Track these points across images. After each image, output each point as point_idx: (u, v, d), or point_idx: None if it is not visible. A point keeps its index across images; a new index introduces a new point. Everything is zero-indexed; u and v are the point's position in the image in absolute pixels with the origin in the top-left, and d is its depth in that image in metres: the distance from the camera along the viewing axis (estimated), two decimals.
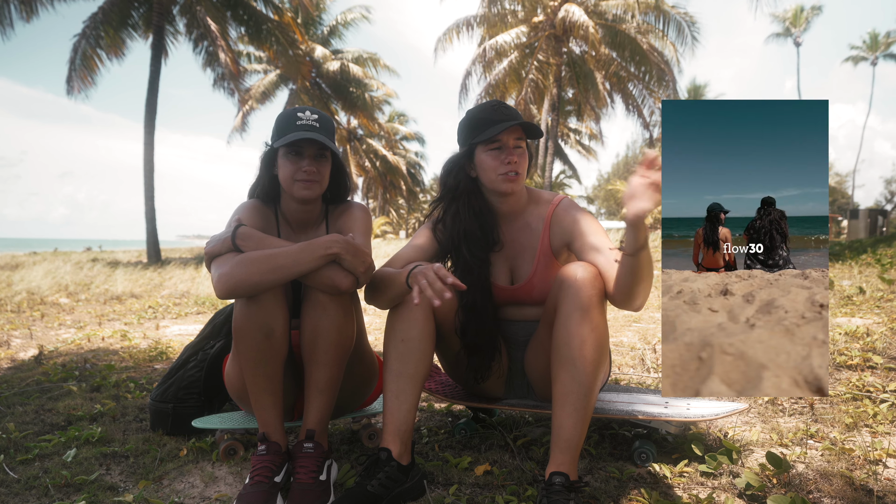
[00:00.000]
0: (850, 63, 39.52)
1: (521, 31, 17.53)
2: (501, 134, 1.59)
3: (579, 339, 1.40)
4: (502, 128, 1.55)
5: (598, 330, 1.42)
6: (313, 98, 22.69)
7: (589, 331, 1.40)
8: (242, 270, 1.45)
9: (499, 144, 1.61)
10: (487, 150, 1.62)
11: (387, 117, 34.30)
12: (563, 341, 1.42)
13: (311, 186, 1.63)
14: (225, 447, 1.80)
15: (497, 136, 1.59)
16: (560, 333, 1.42)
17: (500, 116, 1.59)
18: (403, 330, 1.53)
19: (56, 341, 4.00)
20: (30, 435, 2.02)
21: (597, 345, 1.41)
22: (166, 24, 13.96)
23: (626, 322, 4.48)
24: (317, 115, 1.64)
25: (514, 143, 1.61)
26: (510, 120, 1.58)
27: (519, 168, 1.61)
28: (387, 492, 1.44)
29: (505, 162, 1.60)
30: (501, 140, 1.60)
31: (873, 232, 17.72)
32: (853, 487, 1.51)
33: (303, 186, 1.62)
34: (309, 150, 1.62)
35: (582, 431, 1.40)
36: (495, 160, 1.61)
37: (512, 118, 1.59)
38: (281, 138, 1.60)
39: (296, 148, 1.62)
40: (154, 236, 14.01)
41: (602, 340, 1.42)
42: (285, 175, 1.64)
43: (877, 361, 2.72)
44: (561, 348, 1.42)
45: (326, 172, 1.67)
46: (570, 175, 34.86)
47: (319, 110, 1.67)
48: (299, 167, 1.61)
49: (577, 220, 1.62)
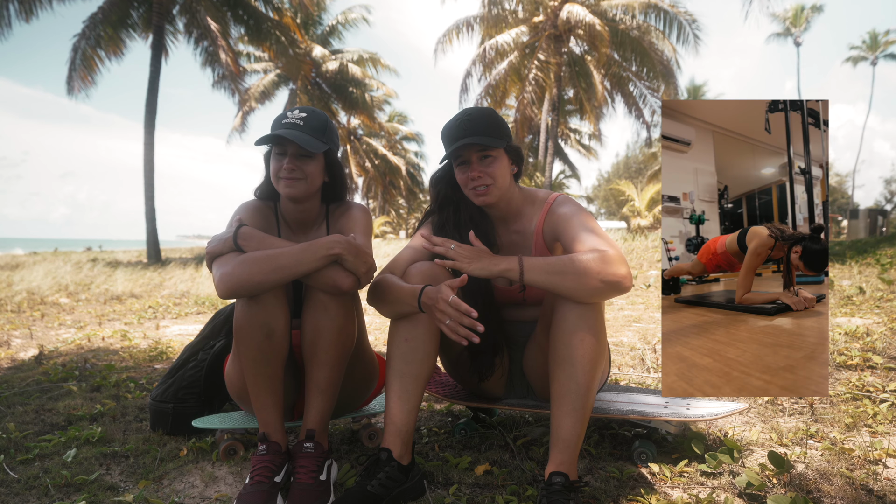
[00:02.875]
0: (850, 63, 39.54)
1: (521, 30, 17.54)
2: (463, 151, 1.59)
3: (577, 339, 1.39)
4: (456, 146, 1.56)
5: (595, 329, 1.41)
6: (313, 98, 22.69)
7: (586, 330, 1.40)
8: (244, 270, 1.45)
9: (462, 160, 1.61)
10: (457, 165, 1.63)
11: (387, 117, 34.29)
12: (560, 341, 1.41)
13: (293, 184, 1.63)
14: (225, 447, 1.80)
15: (459, 153, 1.59)
16: (557, 333, 1.42)
17: (459, 133, 1.58)
18: (408, 329, 1.52)
19: (56, 341, 4.00)
20: (30, 435, 2.02)
21: (594, 344, 1.40)
22: (166, 23, 13.95)
23: (626, 322, 4.49)
24: (305, 114, 1.63)
25: (477, 156, 1.59)
26: (468, 136, 1.56)
27: (486, 180, 1.59)
28: (387, 492, 1.44)
29: (470, 178, 1.60)
30: (464, 156, 1.60)
31: (873, 232, 17.72)
32: (853, 487, 1.51)
33: (285, 184, 1.63)
34: (291, 148, 1.62)
35: (581, 431, 1.40)
36: (463, 175, 1.62)
37: (472, 132, 1.57)
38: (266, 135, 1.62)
39: (279, 147, 1.63)
40: (154, 236, 14.00)
41: (599, 339, 1.42)
42: (271, 172, 1.65)
43: (877, 361, 2.73)
44: (558, 348, 1.42)
45: (313, 171, 1.65)
46: (570, 175, 34.86)
47: (314, 108, 1.67)
48: (281, 164, 1.62)
49: (565, 215, 1.60)
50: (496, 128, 1.59)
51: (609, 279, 1.36)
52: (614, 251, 1.40)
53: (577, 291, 1.38)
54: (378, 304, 1.57)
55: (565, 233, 1.56)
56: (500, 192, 1.63)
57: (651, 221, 28.00)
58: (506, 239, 1.72)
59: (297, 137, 1.57)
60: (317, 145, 1.60)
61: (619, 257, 1.39)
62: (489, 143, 1.56)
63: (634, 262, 10.39)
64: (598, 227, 1.53)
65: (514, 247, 1.71)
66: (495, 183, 1.60)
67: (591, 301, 1.41)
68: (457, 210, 1.69)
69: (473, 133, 1.57)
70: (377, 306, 1.58)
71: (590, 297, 1.39)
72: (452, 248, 1.50)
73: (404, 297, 1.48)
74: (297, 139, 1.56)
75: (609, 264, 1.37)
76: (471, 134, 1.57)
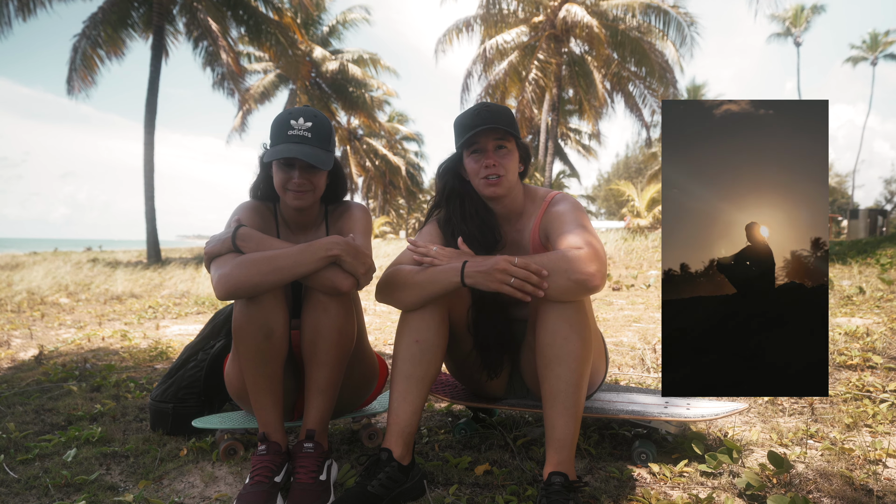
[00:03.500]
0: (850, 63, 39.53)
1: (521, 30, 17.54)
2: (480, 137, 1.59)
3: (560, 338, 1.39)
4: (475, 131, 1.56)
5: (579, 326, 1.40)
6: (313, 98, 22.69)
7: (569, 328, 1.39)
8: (243, 271, 1.45)
9: (477, 147, 1.61)
10: (469, 154, 1.63)
11: (387, 117, 34.29)
12: (544, 342, 1.41)
13: (302, 196, 1.61)
14: (225, 447, 1.80)
15: (475, 139, 1.59)
16: (541, 334, 1.42)
17: (478, 121, 1.58)
18: (420, 330, 1.51)
19: (56, 341, 4.00)
20: (30, 435, 2.02)
21: (580, 340, 1.39)
22: (166, 23, 13.94)
23: (626, 322, 4.48)
24: (310, 123, 1.59)
25: (493, 145, 1.60)
26: (487, 124, 1.57)
27: (500, 170, 1.60)
28: (387, 492, 1.43)
29: (483, 165, 1.60)
30: (479, 143, 1.60)
31: (873, 232, 17.73)
32: (853, 487, 1.51)
33: (294, 196, 1.61)
34: (300, 162, 1.59)
35: (574, 429, 1.40)
36: (476, 164, 1.62)
37: (491, 121, 1.57)
38: (273, 148, 1.58)
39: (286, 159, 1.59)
40: (154, 236, 14.00)
41: (583, 337, 1.40)
42: (277, 183, 1.62)
43: (877, 361, 2.73)
44: (543, 349, 1.41)
45: (319, 181, 1.64)
46: (570, 175, 34.86)
47: (316, 112, 1.63)
48: (290, 177, 1.59)
49: (557, 213, 1.60)
50: (512, 122, 1.62)
51: (577, 277, 1.34)
52: (588, 249, 1.37)
53: (548, 290, 1.36)
54: (398, 291, 1.52)
55: (553, 231, 1.56)
56: (510, 184, 1.64)
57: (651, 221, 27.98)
58: (510, 236, 1.73)
59: (309, 155, 1.54)
60: (327, 160, 1.58)
61: (592, 255, 1.36)
62: (509, 130, 1.58)
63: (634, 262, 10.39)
64: (587, 224, 1.51)
65: (516, 244, 1.71)
66: (507, 175, 1.62)
67: (564, 300, 1.39)
68: (462, 202, 1.69)
69: (492, 122, 1.58)
70: (396, 294, 1.53)
71: (560, 295, 1.37)
72: (435, 251, 1.51)
73: (439, 275, 1.45)
74: (310, 157, 1.54)
75: (579, 262, 1.34)
76: (489, 122, 1.57)
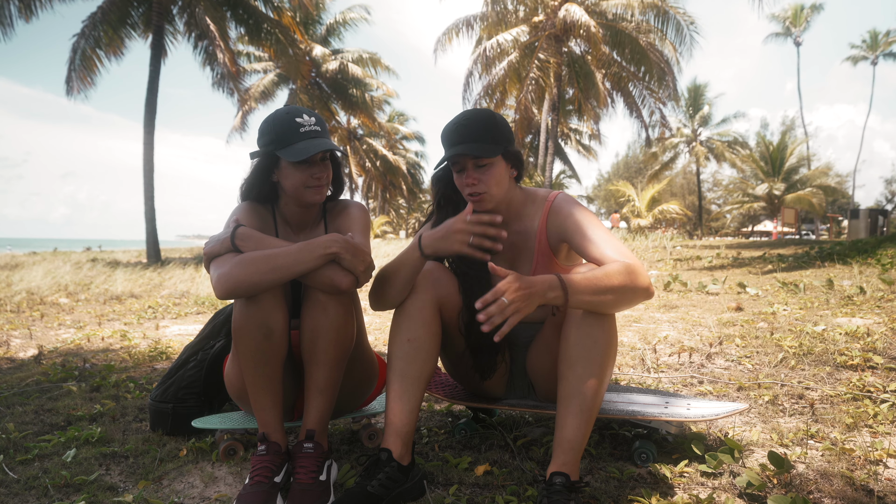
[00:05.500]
0: (850, 63, 39.52)
1: (521, 30, 17.53)
2: (457, 157, 1.54)
3: (591, 340, 1.39)
4: (449, 154, 1.52)
5: (610, 332, 1.41)
6: (313, 98, 22.69)
7: (601, 332, 1.40)
8: (242, 271, 1.44)
9: (459, 167, 1.57)
10: (454, 170, 1.59)
11: (387, 117, 34.29)
12: (573, 341, 1.41)
13: (322, 191, 1.64)
14: (225, 447, 1.80)
15: (455, 159, 1.55)
16: (571, 333, 1.41)
17: (455, 138, 1.53)
18: (411, 329, 1.52)
19: (56, 341, 4.00)
20: (29, 435, 2.01)
21: (607, 346, 1.40)
22: (165, 23, 13.94)
23: (627, 322, 4.48)
24: (314, 119, 1.61)
25: (472, 163, 1.54)
26: (463, 142, 1.52)
27: (481, 188, 1.54)
28: (387, 492, 1.43)
29: (465, 184, 1.56)
30: (459, 162, 1.55)
31: (873, 232, 17.72)
32: (853, 488, 1.51)
33: (314, 192, 1.62)
34: (316, 156, 1.61)
35: (586, 432, 1.39)
36: (459, 181, 1.58)
37: (469, 139, 1.52)
38: (286, 147, 1.55)
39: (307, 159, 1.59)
40: (154, 236, 13.99)
41: (612, 343, 1.42)
42: (294, 183, 1.60)
43: (877, 361, 2.72)
44: (570, 348, 1.41)
45: (329, 173, 1.67)
46: (570, 175, 34.86)
47: (312, 111, 1.65)
48: (311, 174, 1.59)
49: (571, 215, 1.59)
50: (492, 134, 1.53)
51: (641, 293, 1.38)
52: (635, 260, 1.41)
53: (615, 306, 1.39)
54: (381, 291, 1.57)
55: (576, 235, 1.54)
56: (497, 198, 1.59)
57: (651, 221, 27.98)
58: (508, 239, 1.71)
59: (333, 146, 1.59)
60: (339, 148, 1.64)
61: (641, 266, 1.40)
62: (480, 154, 1.50)
63: None
64: (607, 230, 1.54)
65: (515, 248, 1.70)
66: (489, 191, 1.56)
67: (619, 311, 1.43)
68: (456, 209, 1.68)
69: (468, 140, 1.52)
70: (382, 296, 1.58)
71: (623, 309, 1.42)
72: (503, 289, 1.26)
73: (404, 258, 1.51)
74: (332, 147, 1.58)
75: (638, 275, 1.37)
76: (465, 141, 1.52)
